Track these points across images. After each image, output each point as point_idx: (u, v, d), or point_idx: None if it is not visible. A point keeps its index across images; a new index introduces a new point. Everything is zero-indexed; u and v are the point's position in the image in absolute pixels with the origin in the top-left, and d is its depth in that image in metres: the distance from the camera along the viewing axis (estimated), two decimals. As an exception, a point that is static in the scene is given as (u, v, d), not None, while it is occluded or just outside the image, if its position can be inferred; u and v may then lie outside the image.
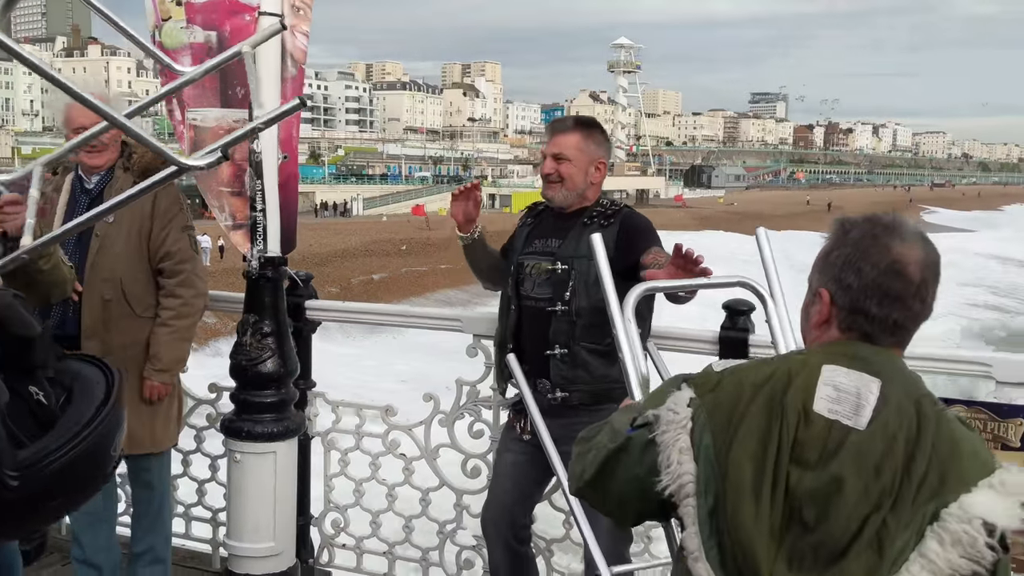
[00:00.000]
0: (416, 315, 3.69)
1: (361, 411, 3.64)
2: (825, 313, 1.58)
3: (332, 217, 63.08)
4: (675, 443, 1.50)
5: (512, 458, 3.10)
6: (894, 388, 1.46)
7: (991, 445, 2.73)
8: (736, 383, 1.52)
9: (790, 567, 1.40)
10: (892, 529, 1.38)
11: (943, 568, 1.35)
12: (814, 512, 1.40)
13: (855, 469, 1.40)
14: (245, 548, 3.46)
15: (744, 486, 1.43)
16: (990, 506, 1.37)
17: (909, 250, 1.53)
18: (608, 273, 2.28)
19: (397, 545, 3.70)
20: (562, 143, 3.00)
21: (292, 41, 3.35)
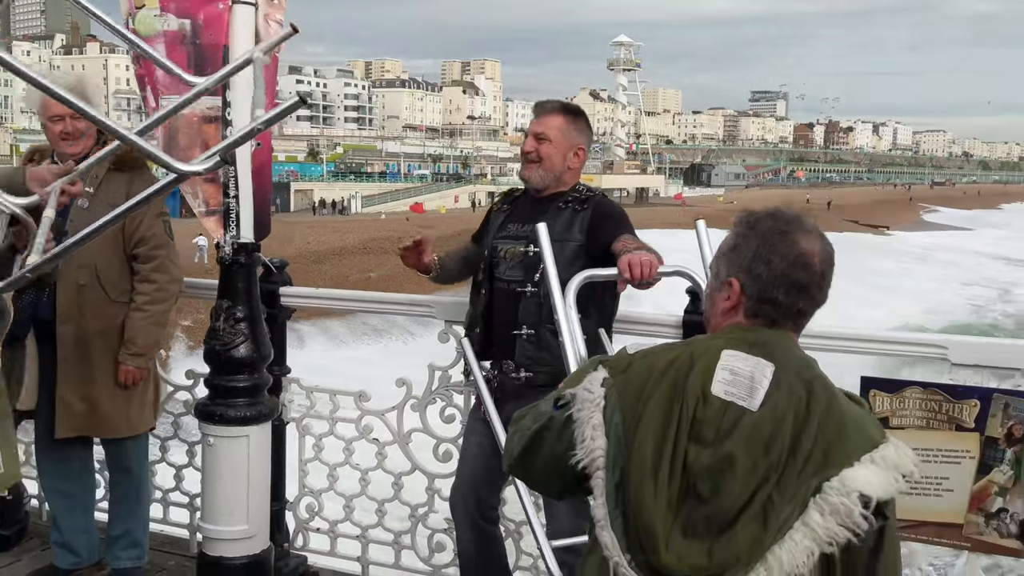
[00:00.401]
0: (388, 301, 3.74)
1: (335, 396, 3.68)
2: (734, 300, 1.69)
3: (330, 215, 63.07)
4: (589, 420, 1.63)
5: (478, 439, 3.14)
6: (787, 372, 1.58)
7: (945, 426, 2.79)
8: (646, 366, 1.63)
9: (684, 535, 1.52)
10: (777, 502, 1.50)
11: (822, 536, 1.48)
12: (708, 486, 1.52)
13: (746, 447, 1.51)
14: (219, 531, 3.49)
15: (645, 463, 1.54)
16: (867, 479, 1.50)
17: (812, 244, 1.66)
18: (551, 261, 2.42)
19: (370, 529, 3.74)
20: (546, 123, 3.04)
21: (266, 29, 3.38)
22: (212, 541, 3.53)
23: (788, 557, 1.47)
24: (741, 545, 1.49)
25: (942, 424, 2.78)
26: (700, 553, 1.50)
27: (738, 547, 1.49)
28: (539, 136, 3.03)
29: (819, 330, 2.93)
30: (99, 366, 3.46)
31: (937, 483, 2.79)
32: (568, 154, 3.05)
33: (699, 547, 1.51)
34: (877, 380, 2.82)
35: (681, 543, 1.51)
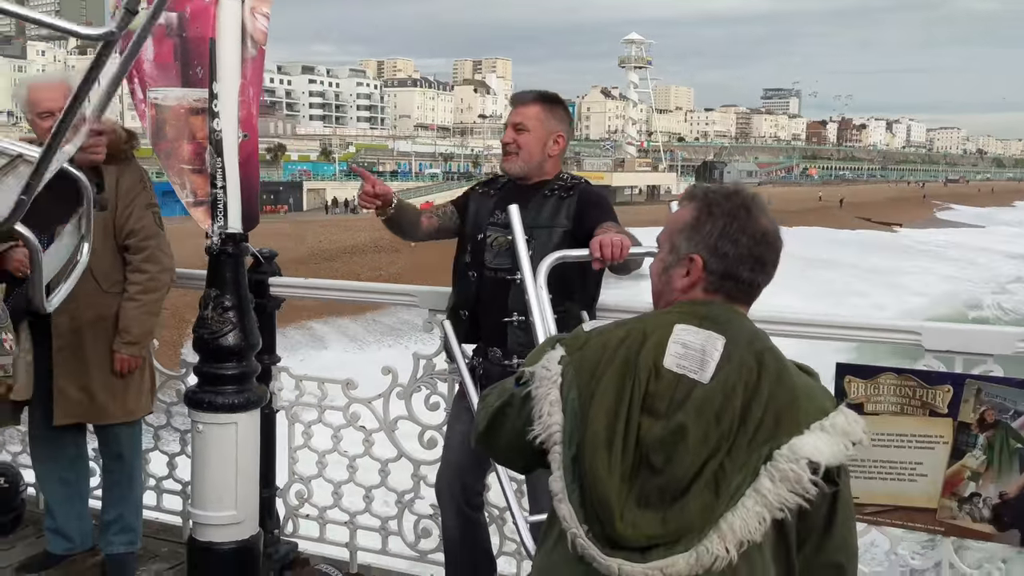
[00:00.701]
0: (373, 291, 3.79)
1: (323, 385, 3.73)
2: (695, 277, 1.72)
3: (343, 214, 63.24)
4: (546, 397, 1.67)
5: (462, 427, 3.17)
6: (738, 345, 1.62)
7: (919, 411, 2.81)
8: (600, 343, 1.67)
9: (639, 505, 1.56)
10: (728, 471, 1.54)
11: (773, 502, 1.52)
12: (661, 457, 1.55)
13: (696, 418, 1.55)
14: (208, 516, 3.54)
15: (599, 437, 1.58)
16: (816, 446, 1.54)
17: (771, 223, 1.72)
18: (523, 243, 2.47)
19: (358, 515, 3.80)
20: (523, 113, 3.09)
21: (253, 23, 3.43)
22: (202, 527, 3.58)
23: (740, 523, 1.51)
24: (693, 513, 1.53)
25: (916, 410, 2.81)
26: (654, 522, 1.54)
27: (691, 515, 1.53)
28: (517, 126, 3.07)
29: (795, 317, 2.97)
30: (94, 355, 3.53)
31: (911, 468, 2.82)
32: (547, 142, 3.08)
33: (653, 516, 1.55)
34: (852, 366, 2.85)
35: (636, 513, 1.55)
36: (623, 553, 1.55)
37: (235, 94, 3.39)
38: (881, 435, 2.81)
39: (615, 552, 1.56)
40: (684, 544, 1.53)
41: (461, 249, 3.20)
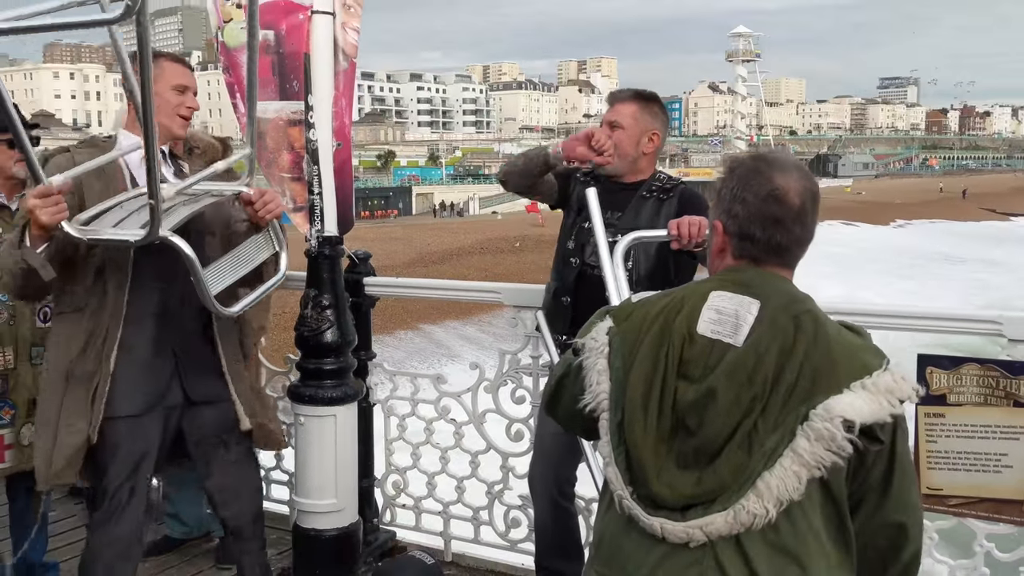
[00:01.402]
0: (459, 288, 3.93)
1: (415, 380, 3.89)
2: (720, 242, 1.78)
3: (449, 217, 64.27)
4: (595, 366, 1.75)
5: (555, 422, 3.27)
6: (773, 308, 1.64)
7: (1003, 402, 2.77)
8: (643, 313, 1.74)
9: (678, 466, 1.63)
10: (761, 431, 1.57)
11: (810, 461, 1.54)
12: (695, 420, 1.61)
13: (727, 381, 1.59)
14: (310, 504, 3.75)
15: (636, 401, 1.66)
16: (852, 404, 1.55)
17: (788, 180, 1.71)
18: (600, 225, 2.56)
19: (451, 505, 3.94)
20: (618, 111, 3.13)
21: (344, 37, 3.63)
22: (305, 514, 3.80)
23: (778, 483, 1.54)
24: (726, 472, 1.58)
25: (1000, 400, 2.77)
26: (690, 482, 1.61)
27: (723, 474, 1.58)
28: (612, 124, 3.12)
29: (873, 308, 2.96)
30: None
31: (996, 459, 2.77)
32: (642, 139, 3.12)
33: (690, 477, 1.61)
34: (933, 357, 2.82)
35: (674, 474, 1.62)
36: (665, 512, 1.62)
37: (329, 105, 3.60)
38: (965, 426, 2.78)
39: (657, 512, 1.63)
40: (721, 503, 1.57)
41: (565, 235, 3.23)
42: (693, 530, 1.59)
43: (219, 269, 2.65)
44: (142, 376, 2.80)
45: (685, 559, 1.61)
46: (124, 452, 2.77)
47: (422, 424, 3.91)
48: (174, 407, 2.89)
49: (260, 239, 2.76)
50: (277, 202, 2.76)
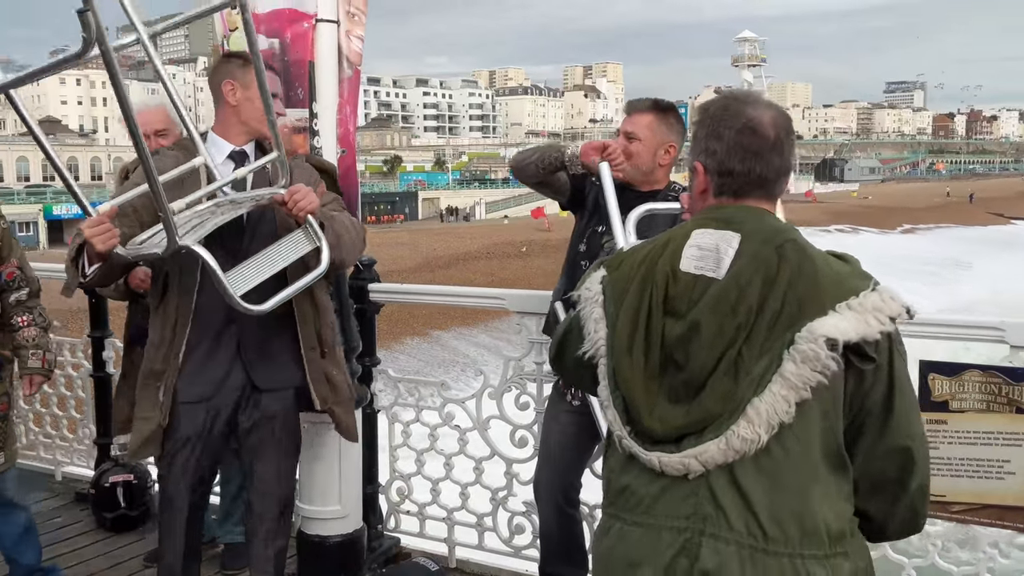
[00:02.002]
0: (463, 294, 3.95)
1: (419, 386, 3.90)
2: (702, 183, 1.80)
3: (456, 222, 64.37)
4: (592, 315, 1.79)
5: (560, 428, 3.25)
6: (753, 240, 1.67)
7: (1006, 409, 2.77)
8: (632, 260, 1.78)
9: (669, 400, 1.66)
10: (747, 359, 1.60)
11: (797, 383, 1.57)
12: (682, 353, 1.65)
13: (711, 313, 1.63)
14: (314, 511, 3.78)
15: (622, 342, 1.70)
16: (835, 324, 1.57)
17: (760, 112, 1.74)
18: (613, 199, 2.62)
19: (455, 511, 3.95)
20: (636, 122, 3.11)
21: (348, 45, 3.64)
22: (309, 520, 3.82)
23: (767, 407, 1.56)
24: (713, 400, 1.61)
25: (1002, 407, 2.77)
26: (679, 414, 1.64)
27: (710, 402, 1.61)
28: (629, 135, 3.09)
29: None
30: None
31: (999, 466, 2.77)
32: (658, 151, 3.10)
33: (680, 409, 1.64)
34: (936, 364, 2.82)
35: (666, 408, 1.65)
36: (661, 447, 1.65)
37: (334, 113, 3.62)
38: (967, 433, 2.78)
39: (655, 447, 1.66)
40: (712, 431, 1.60)
41: (577, 237, 3.22)
42: (688, 460, 1.62)
43: (245, 270, 2.66)
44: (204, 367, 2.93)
45: (682, 491, 1.64)
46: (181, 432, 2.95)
47: (426, 430, 3.93)
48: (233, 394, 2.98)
49: (299, 236, 2.77)
50: (310, 198, 2.75)
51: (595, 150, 3.04)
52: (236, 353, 2.95)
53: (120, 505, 4.42)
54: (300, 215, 2.72)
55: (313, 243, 2.75)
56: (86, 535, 4.42)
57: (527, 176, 3.22)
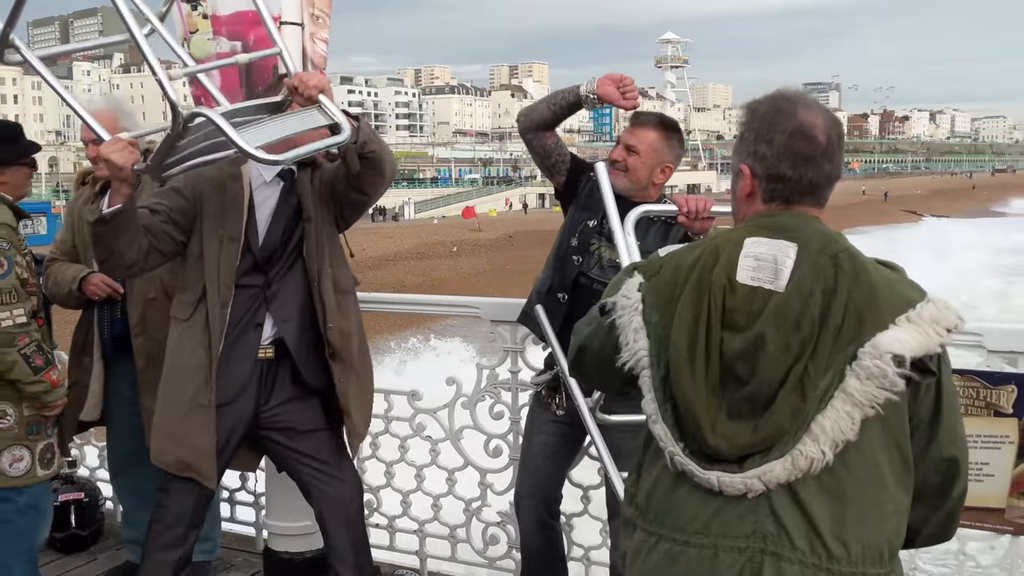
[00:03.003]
0: (436, 303, 3.88)
1: (389, 396, 3.82)
2: (748, 186, 1.74)
3: (385, 222, 63.80)
4: (630, 324, 1.71)
5: (543, 439, 3.20)
6: (810, 250, 1.62)
7: (984, 412, 2.82)
8: (674, 266, 1.71)
9: (730, 417, 1.60)
10: (813, 375, 1.56)
11: (862, 400, 1.53)
12: (745, 368, 1.59)
13: (775, 327, 1.57)
14: (283, 527, 3.68)
15: (681, 355, 1.63)
16: (899, 339, 1.53)
17: (813, 116, 1.68)
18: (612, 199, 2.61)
19: (427, 523, 3.87)
20: (639, 136, 3.04)
21: (312, 47, 3.55)
22: (276, 537, 3.72)
23: (831, 424, 1.53)
24: (783, 418, 1.56)
25: (980, 410, 2.83)
26: (745, 431, 1.58)
27: (780, 420, 1.56)
28: (629, 147, 3.04)
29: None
30: None
31: (978, 468, 2.82)
32: (655, 170, 3.05)
33: (744, 426, 1.58)
34: (914, 368, 2.86)
35: (728, 425, 1.59)
36: (720, 465, 1.60)
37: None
38: (946, 436, 2.83)
39: (713, 465, 1.60)
40: (778, 450, 1.56)
41: (568, 231, 3.14)
42: (751, 480, 1.57)
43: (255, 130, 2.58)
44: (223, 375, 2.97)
45: (740, 510, 1.59)
46: None
47: (396, 442, 3.85)
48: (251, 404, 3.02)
49: (313, 112, 2.69)
50: (318, 77, 2.71)
51: (613, 81, 3.03)
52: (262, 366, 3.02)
53: (71, 525, 4.22)
54: (312, 93, 2.67)
55: (328, 119, 2.68)
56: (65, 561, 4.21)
57: (534, 121, 3.15)
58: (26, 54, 2.73)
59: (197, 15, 3.44)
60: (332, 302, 3.02)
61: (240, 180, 3.02)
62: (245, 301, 2.98)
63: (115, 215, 2.69)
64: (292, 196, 3.05)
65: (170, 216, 2.93)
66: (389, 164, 2.94)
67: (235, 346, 2.97)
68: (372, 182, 2.94)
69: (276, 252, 3.01)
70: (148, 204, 2.93)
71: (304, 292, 3.03)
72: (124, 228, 2.74)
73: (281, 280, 3.01)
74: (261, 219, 3.03)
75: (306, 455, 3.08)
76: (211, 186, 2.99)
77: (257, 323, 2.99)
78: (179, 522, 3.07)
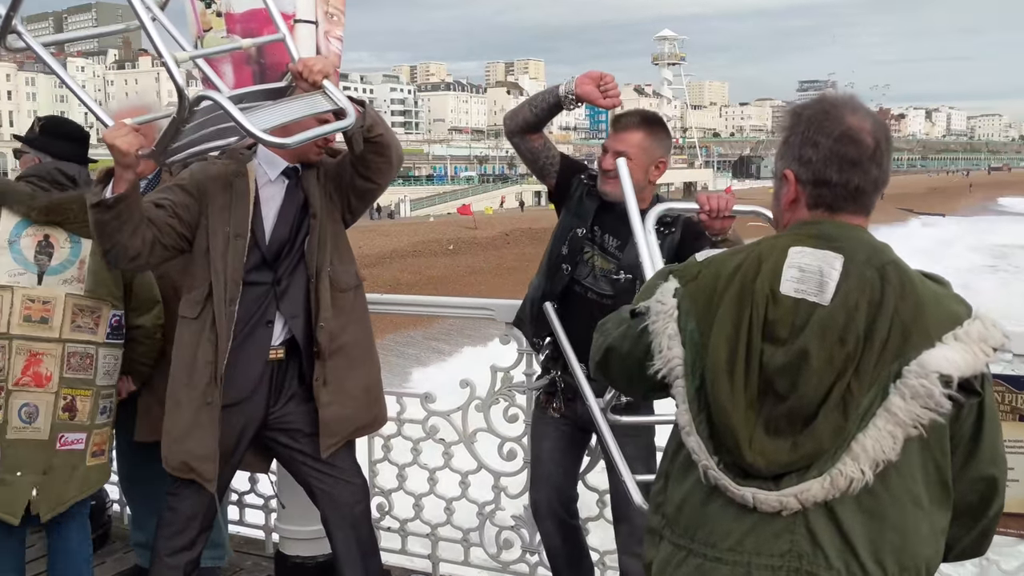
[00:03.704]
0: (450, 305, 3.84)
1: (401, 399, 3.79)
2: (792, 192, 1.69)
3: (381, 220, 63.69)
4: (664, 331, 1.66)
5: (550, 444, 3.18)
6: (856, 262, 1.57)
7: (1009, 416, 2.80)
8: (713, 273, 1.65)
9: (767, 432, 1.55)
10: (856, 392, 1.51)
11: (906, 419, 1.49)
12: (786, 383, 1.53)
13: (819, 341, 1.52)
14: (295, 531, 3.65)
15: (720, 366, 1.57)
16: (947, 357, 1.49)
17: (860, 120, 1.64)
18: (632, 194, 2.53)
19: (439, 527, 3.84)
20: (625, 140, 2.99)
21: (327, 47, 3.51)
22: (289, 541, 3.69)
23: (873, 444, 1.48)
24: (824, 436, 1.51)
25: (1006, 415, 2.79)
26: (784, 448, 1.53)
27: (821, 439, 1.51)
28: (619, 153, 2.96)
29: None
30: None
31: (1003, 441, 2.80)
32: (649, 168, 3.01)
33: (783, 443, 1.53)
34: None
35: (765, 440, 1.54)
36: (756, 482, 1.55)
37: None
38: (970, 441, 2.80)
39: (748, 481, 1.56)
40: (817, 469, 1.51)
41: (559, 238, 3.10)
42: (788, 498, 1.52)
43: (261, 113, 2.55)
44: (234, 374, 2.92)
45: (775, 527, 1.54)
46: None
47: (408, 444, 3.81)
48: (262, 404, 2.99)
49: (317, 97, 2.67)
50: (323, 62, 2.70)
51: (591, 79, 2.98)
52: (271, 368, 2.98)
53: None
54: (316, 78, 2.65)
55: (332, 105, 2.66)
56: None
57: (518, 123, 3.12)
58: (29, 40, 2.68)
59: (211, 13, 3.39)
60: (327, 300, 2.98)
61: (246, 177, 2.99)
62: (255, 299, 2.95)
63: (118, 200, 2.64)
64: (298, 191, 3.03)
65: (175, 211, 2.90)
66: (395, 149, 2.92)
67: (245, 345, 2.93)
68: (379, 168, 2.93)
69: (285, 247, 2.98)
70: (153, 199, 2.90)
71: (306, 289, 3.00)
72: (127, 215, 2.69)
73: (290, 277, 2.99)
74: (268, 215, 3.01)
75: (311, 456, 3.04)
76: (216, 184, 2.96)
77: (268, 320, 2.96)
78: (188, 526, 3.03)
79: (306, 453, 3.04)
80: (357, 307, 3.11)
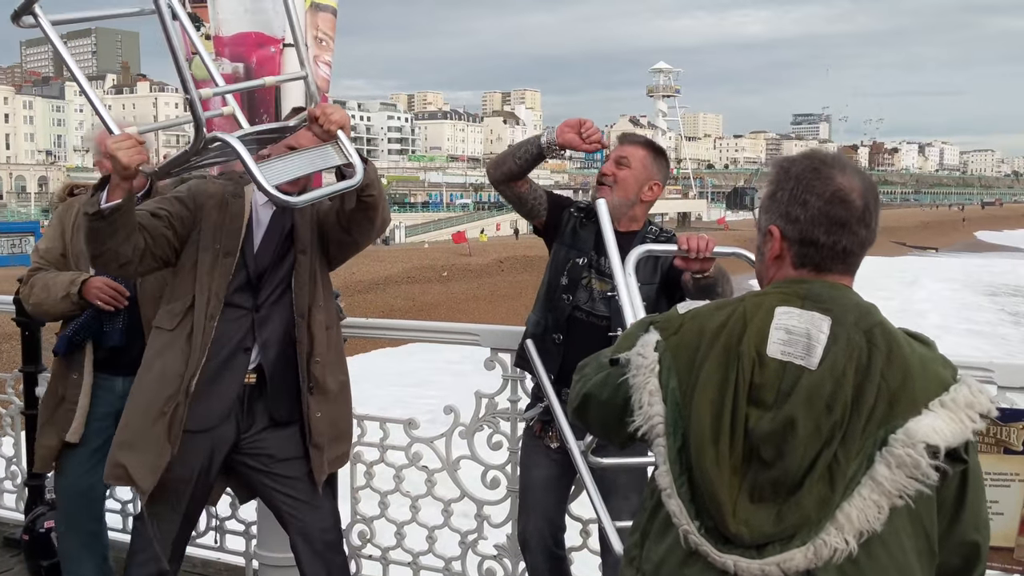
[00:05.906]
0: (435, 330, 3.81)
1: (384, 424, 3.75)
2: (777, 249, 1.66)
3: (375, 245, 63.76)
4: (645, 386, 1.61)
5: (542, 473, 3.15)
6: (844, 324, 1.54)
7: (994, 449, 2.77)
8: (697, 329, 1.61)
9: (751, 500, 1.51)
10: (842, 461, 1.48)
11: (891, 489, 1.46)
12: (772, 451, 1.50)
13: (806, 408, 1.48)
14: (274, 558, 3.60)
15: (704, 430, 1.53)
16: (933, 427, 1.46)
17: (850, 180, 1.61)
18: (612, 238, 2.56)
19: (421, 555, 3.78)
20: (629, 151, 3.05)
21: (315, 71, 3.49)
22: (268, 568, 3.63)
23: (858, 514, 1.45)
24: (809, 507, 1.48)
25: (990, 447, 2.77)
26: (768, 518, 1.49)
27: (806, 509, 1.48)
28: (620, 160, 3.03)
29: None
30: None
31: (987, 506, 2.77)
32: (644, 185, 3.03)
33: (767, 512, 1.50)
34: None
35: (748, 508, 1.50)
36: (738, 549, 1.51)
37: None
38: (955, 474, 2.78)
39: (729, 548, 1.51)
40: (800, 538, 1.48)
41: (556, 270, 3.10)
42: (770, 567, 1.48)
43: (275, 165, 2.58)
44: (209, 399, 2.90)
45: None
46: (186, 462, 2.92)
47: (391, 472, 3.77)
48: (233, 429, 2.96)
49: (328, 149, 2.66)
50: (340, 113, 2.69)
51: (571, 127, 3.00)
52: (245, 390, 2.95)
53: (57, 552, 4.10)
54: (332, 128, 2.65)
55: (343, 158, 2.66)
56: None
57: (503, 172, 3.13)
58: (43, 23, 2.66)
59: (200, 35, 3.39)
60: (322, 336, 3.00)
61: (242, 199, 3.02)
62: (234, 322, 2.93)
63: (113, 211, 2.62)
64: (285, 218, 3.03)
65: (171, 222, 2.90)
66: (383, 212, 2.94)
67: (221, 371, 2.91)
68: (362, 226, 2.95)
69: (266, 272, 2.98)
70: (150, 208, 2.90)
71: (288, 324, 2.98)
72: (121, 225, 2.68)
73: (271, 307, 2.98)
74: (259, 238, 3.02)
75: (282, 482, 3.01)
76: (213, 202, 2.97)
77: (245, 347, 2.95)
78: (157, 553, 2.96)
79: (278, 478, 3.00)
80: (339, 343, 3.16)
